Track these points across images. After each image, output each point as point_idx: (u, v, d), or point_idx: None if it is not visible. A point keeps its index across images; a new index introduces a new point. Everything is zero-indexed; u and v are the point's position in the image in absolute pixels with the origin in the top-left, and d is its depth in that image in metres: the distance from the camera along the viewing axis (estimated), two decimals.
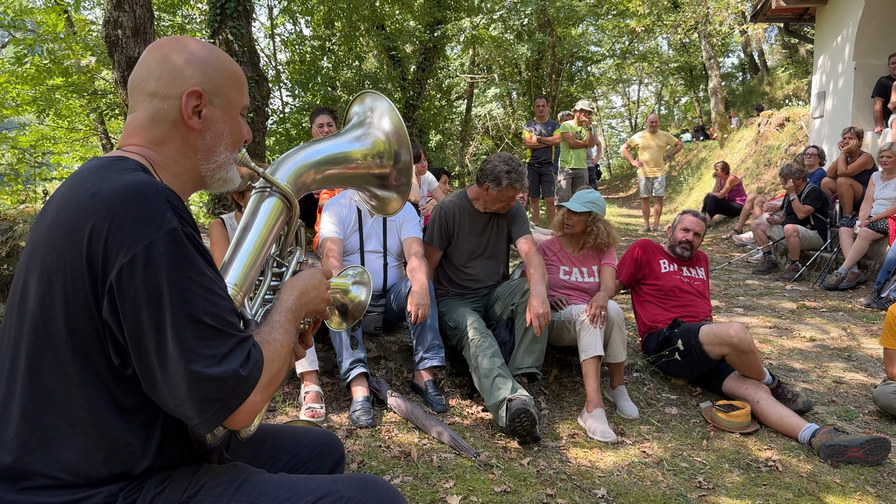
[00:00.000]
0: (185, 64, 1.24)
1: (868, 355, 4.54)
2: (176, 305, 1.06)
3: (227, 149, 1.31)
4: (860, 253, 6.39)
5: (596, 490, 2.68)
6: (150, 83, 1.24)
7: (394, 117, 1.57)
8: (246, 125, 1.36)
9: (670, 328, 3.74)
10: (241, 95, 1.33)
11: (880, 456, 2.97)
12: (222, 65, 1.29)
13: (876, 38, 8.41)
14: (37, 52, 11.44)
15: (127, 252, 1.05)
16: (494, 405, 3.13)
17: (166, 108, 1.23)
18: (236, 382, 1.09)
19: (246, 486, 1.22)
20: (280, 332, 1.25)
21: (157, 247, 1.06)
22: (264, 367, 1.15)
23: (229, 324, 1.12)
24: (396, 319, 3.81)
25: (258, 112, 7.89)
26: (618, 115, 40.92)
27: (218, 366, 1.07)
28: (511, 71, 22.75)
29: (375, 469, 2.75)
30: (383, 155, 1.56)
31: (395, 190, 1.61)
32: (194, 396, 1.06)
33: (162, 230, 1.07)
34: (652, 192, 10.58)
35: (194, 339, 1.06)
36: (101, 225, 1.07)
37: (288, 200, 1.40)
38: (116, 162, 1.18)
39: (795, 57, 22.57)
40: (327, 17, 14.59)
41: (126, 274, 1.05)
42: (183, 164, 1.27)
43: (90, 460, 1.13)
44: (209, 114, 1.26)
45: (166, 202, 1.10)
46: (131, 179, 1.11)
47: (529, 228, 3.87)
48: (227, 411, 1.10)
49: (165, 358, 1.06)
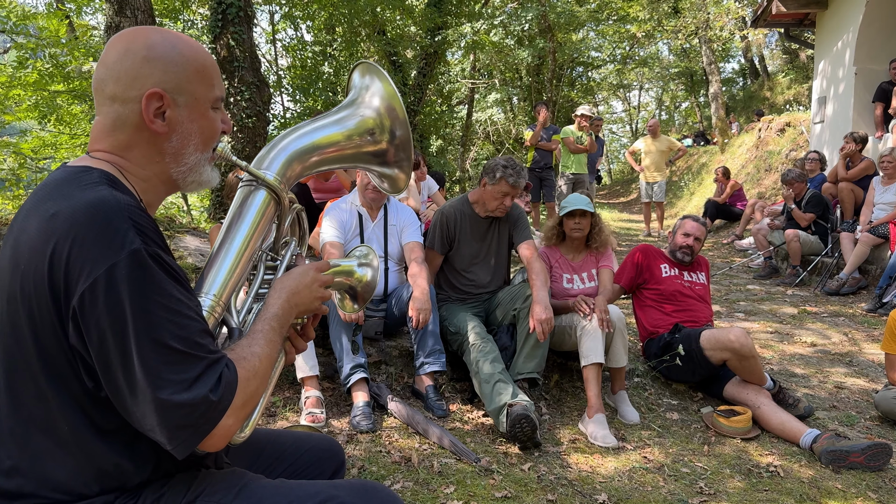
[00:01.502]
0: (143, 63, 1.15)
1: (869, 360, 4.53)
2: (141, 331, 1.01)
3: (198, 149, 1.23)
4: (861, 258, 6.38)
5: (597, 495, 2.67)
6: (109, 86, 1.16)
7: (386, 93, 1.50)
8: (221, 117, 1.27)
9: (671, 333, 3.74)
10: (211, 88, 1.22)
11: (882, 461, 2.96)
12: (185, 58, 1.18)
13: (876, 43, 8.42)
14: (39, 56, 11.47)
15: (88, 276, 1.00)
16: (495, 410, 3.13)
17: (127, 113, 1.16)
18: (206, 408, 1.04)
19: (245, 491, 1.21)
20: (260, 345, 1.19)
21: (119, 270, 1.00)
22: (238, 389, 1.10)
23: (199, 346, 1.06)
24: (397, 324, 3.81)
25: (259, 117, 7.91)
26: (619, 121, 40.96)
27: (187, 391, 1.02)
28: (512, 76, 22.79)
29: (376, 474, 2.74)
30: (374, 132, 1.50)
31: (396, 166, 1.56)
32: (164, 423, 1.02)
33: (124, 252, 1.01)
34: (652, 197, 10.58)
35: (161, 364, 1.02)
36: (61, 247, 1.02)
37: (276, 194, 1.33)
38: (80, 174, 1.12)
39: (796, 62, 22.61)
40: (328, 23, 14.64)
41: (88, 299, 1.00)
42: (151, 168, 1.21)
43: (81, 479, 1.11)
44: (174, 115, 1.18)
45: (129, 221, 1.04)
46: (92, 197, 1.06)
47: (531, 234, 3.87)
48: (198, 437, 1.06)
49: (134, 384, 1.02)
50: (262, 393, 1.18)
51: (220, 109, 1.27)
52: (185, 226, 6.55)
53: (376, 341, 3.82)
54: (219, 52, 7.83)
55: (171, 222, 6.49)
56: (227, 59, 7.79)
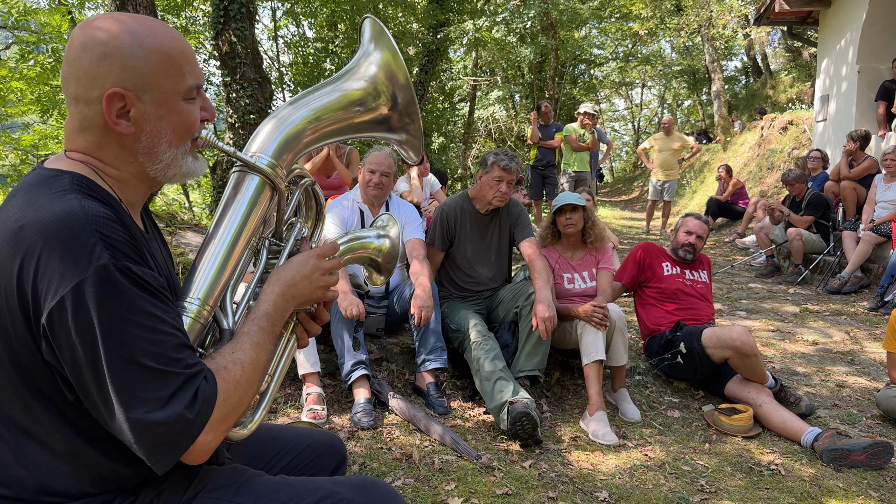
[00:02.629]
0: (100, 60, 1.06)
1: (871, 359, 4.53)
2: (111, 349, 0.97)
3: (172, 145, 1.15)
4: (863, 257, 6.37)
5: (598, 493, 2.67)
6: (71, 86, 1.09)
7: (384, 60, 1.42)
8: (201, 105, 1.19)
9: (673, 331, 3.74)
10: (180, 79, 1.12)
11: (883, 460, 2.96)
12: (147, 51, 1.09)
13: (879, 41, 8.40)
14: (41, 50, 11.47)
15: (55, 294, 0.96)
16: (496, 408, 3.13)
17: (91, 114, 1.09)
18: (182, 426, 1.01)
19: (245, 488, 1.21)
20: (245, 350, 1.14)
21: (86, 287, 0.96)
22: (217, 402, 1.06)
23: (174, 361, 1.02)
24: (399, 321, 3.81)
25: (261, 114, 7.90)
26: (621, 119, 40.91)
27: (161, 410, 0.99)
28: (514, 73, 22.75)
29: (377, 471, 2.74)
30: (365, 101, 1.40)
31: (404, 131, 1.47)
32: (139, 442, 1.00)
33: (90, 268, 0.97)
34: (662, 196, 10.53)
35: (134, 382, 0.98)
36: (28, 263, 0.98)
37: (270, 179, 1.25)
38: (50, 181, 1.07)
39: (799, 60, 22.56)
40: (330, 20, 14.62)
41: (57, 318, 0.97)
42: (127, 168, 1.15)
43: (78, 485, 1.10)
44: (139, 113, 1.10)
45: (96, 234, 0.99)
46: (59, 209, 1.01)
47: (532, 231, 3.87)
48: (176, 454, 1.03)
49: (109, 402, 0.99)
50: (247, 403, 1.14)
51: (200, 96, 1.19)
52: (186, 222, 6.55)
53: (378, 338, 3.82)
54: (221, 49, 7.82)
55: (172, 218, 6.48)
56: (228, 56, 7.78)
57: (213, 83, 12.75)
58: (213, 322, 1.23)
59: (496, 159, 3.63)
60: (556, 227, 3.93)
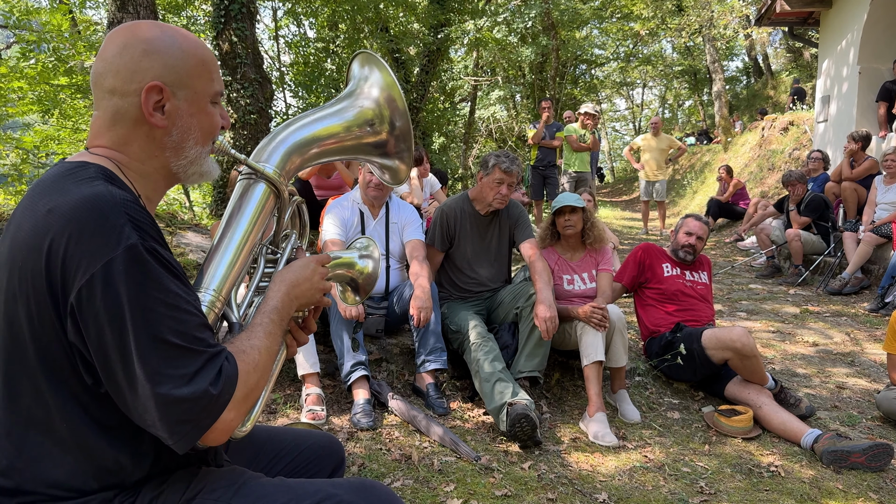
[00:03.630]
0: (143, 56, 1.14)
1: (871, 360, 4.52)
2: (139, 326, 1.00)
3: (198, 143, 1.22)
4: (864, 258, 6.37)
5: (597, 494, 2.67)
6: (108, 79, 1.15)
7: (385, 83, 1.48)
8: (220, 112, 1.26)
9: (673, 332, 3.73)
10: (210, 83, 1.22)
11: (883, 462, 2.96)
12: (185, 52, 1.18)
13: (880, 42, 8.40)
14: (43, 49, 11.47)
15: (85, 272, 0.99)
16: (495, 409, 3.12)
17: (126, 106, 1.15)
18: (206, 402, 1.04)
19: (244, 489, 1.21)
20: (260, 338, 1.19)
21: (115, 265, 1.00)
22: (238, 382, 1.09)
23: (198, 340, 1.06)
24: (398, 322, 3.81)
25: (261, 114, 7.90)
26: (621, 119, 40.91)
27: (186, 386, 1.02)
28: (515, 73, 22.74)
29: (376, 472, 2.74)
30: (373, 122, 1.49)
31: (397, 157, 1.55)
32: (164, 418, 1.02)
33: (120, 247, 1.00)
34: (653, 196, 10.56)
35: (160, 359, 1.01)
36: (57, 244, 1.01)
37: (276, 187, 1.32)
38: (76, 170, 1.11)
39: (800, 61, 22.56)
40: (331, 19, 14.61)
41: (85, 295, 1.00)
42: (151, 163, 1.20)
43: (80, 477, 1.11)
44: (173, 108, 1.17)
45: (125, 216, 1.03)
46: (88, 192, 1.05)
47: (532, 233, 3.86)
48: (199, 431, 1.05)
49: (133, 380, 1.01)
50: (263, 386, 1.18)
51: (219, 104, 1.26)
52: (186, 222, 6.55)
53: (377, 339, 3.82)
54: (221, 49, 7.82)
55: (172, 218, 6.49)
56: (229, 56, 7.78)
57: None
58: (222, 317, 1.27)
59: (497, 161, 3.62)
60: (555, 228, 3.93)
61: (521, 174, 3.78)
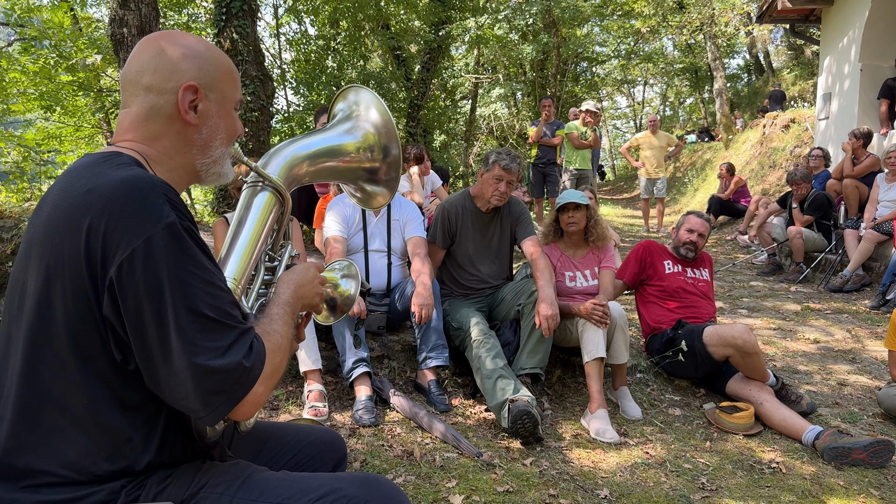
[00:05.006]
0: (182, 58, 1.23)
1: (872, 357, 4.53)
2: (177, 299, 1.05)
3: (223, 143, 1.31)
4: (865, 255, 6.37)
5: (598, 491, 2.67)
6: (146, 77, 1.22)
7: (381, 110, 1.55)
8: (239, 120, 1.36)
9: (674, 329, 3.74)
10: (235, 90, 1.32)
11: (884, 458, 2.96)
12: (217, 60, 1.28)
13: (882, 39, 8.39)
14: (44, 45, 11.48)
15: (126, 247, 1.04)
16: (497, 406, 3.13)
17: (162, 103, 1.22)
18: (240, 374, 1.09)
19: (248, 484, 1.22)
20: (279, 324, 1.25)
21: (156, 241, 1.05)
22: (266, 359, 1.15)
23: (231, 316, 1.11)
24: (400, 319, 3.81)
25: (263, 111, 7.90)
26: (623, 116, 40.87)
27: (221, 358, 1.07)
28: (516, 71, 22.74)
29: (378, 468, 2.75)
30: (373, 148, 1.55)
31: (384, 185, 1.60)
32: (199, 389, 1.06)
33: (160, 224, 1.06)
34: (653, 194, 10.56)
35: (197, 332, 1.06)
36: (98, 221, 1.06)
37: (280, 194, 1.40)
38: (110, 157, 1.17)
39: (801, 58, 22.54)
40: (332, 17, 14.60)
41: (126, 269, 1.04)
42: (178, 159, 1.27)
43: (92, 457, 1.13)
44: (205, 108, 1.26)
45: (163, 196, 1.09)
46: (126, 174, 1.10)
47: (534, 230, 3.87)
48: (231, 403, 1.10)
49: (169, 352, 1.05)
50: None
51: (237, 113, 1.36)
52: None
53: (379, 336, 3.82)
54: (222, 46, 7.82)
55: None
56: (230, 53, 7.77)
57: None
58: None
59: (497, 158, 3.64)
60: (558, 225, 3.93)
61: (521, 173, 3.78)
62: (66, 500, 1.11)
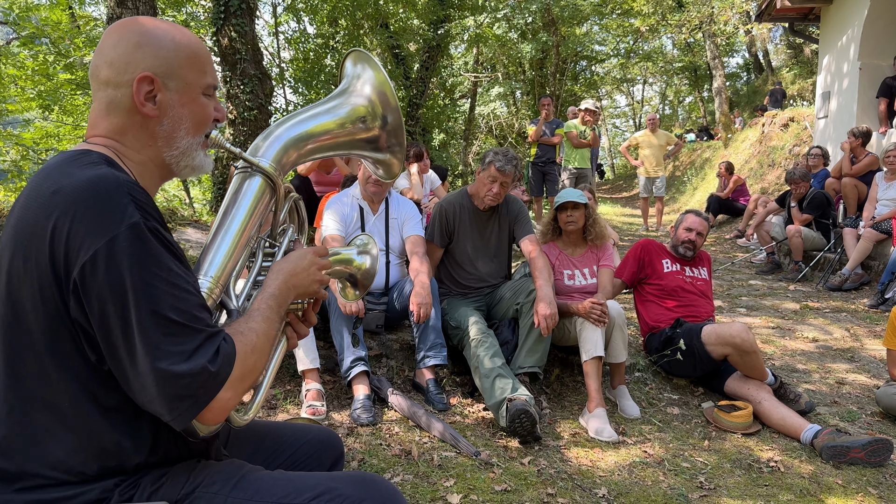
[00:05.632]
0: (135, 48, 1.18)
1: (871, 356, 4.52)
2: (141, 302, 1.03)
3: (189, 133, 1.25)
4: (864, 254, 6.37)
5: (597, 490, 2.67)
6: (103, 71, 1.19)
7: (377, 81, 1.51)
8: (213, 105, 1.29)
9: (672, 328, 3.73)
10: (202, 75, 1.25)
11: (882, 457, 2.96)
12: (177, 44, 1.21)
13: (881, 38, 8.39)
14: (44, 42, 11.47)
15: (88, 249, 1.03)
16: (495, 405, 3.13)
17: (120, 97, 1.19)
18: (205, 378, 1.06)
19: (243, 483, 1.21)
20: (258, 321, 1.21)
21: (118, 242, 1.03)
22: (236, 362, 1.12)
23: (197, 319, 1.08)
24: (398, 318, 3.81)
25: (261, 110, 7.89)
26: (622, 115, 40.87)
27: (186, 362, 1.04)
28: (515, 70, 22.73)
29: (376, 467, 2.75)
30: (365, 119, 1.52)
31: (389, 151, 1.58)
32: (162, 394, 1.04)
33: (123, 225, 1.04)
34: (652, 192, 10.56)
35: (160, 335, 1.04)
36: (62, 222, 1.04)
37: (271, 181, 1.35)
38: (80, 156, 1.15)
39: (800, 57, 22.53)
40: (331, 15, 14.59)
41: (89, 271, 1.03)
42: (145, 152, 1.23)
43: (80, 457, 1.12)
44: (164, 99, 1.20)
45: (128, 196, 1.07)
46: (92, 174, 1.08)
47: (532, 229, 3.86)
48: (197, 408, 1.07)
49: (134, 355, 1.04)
50: (260, 369, 1.20)
51: (214, 97, 1.29)
52: (187, 218, 6.55)
53: (377, 334, 3.82)
54: (221, 45, 7.81)
55: (172, 214, 6.49)
56: (228, 52, 7.77)
57: None
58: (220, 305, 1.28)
59: (493, 159, 3.63)
60: (557, 223, 3.93)
61: (517, 174, 3.78)
62: (59, 498, 1.10)
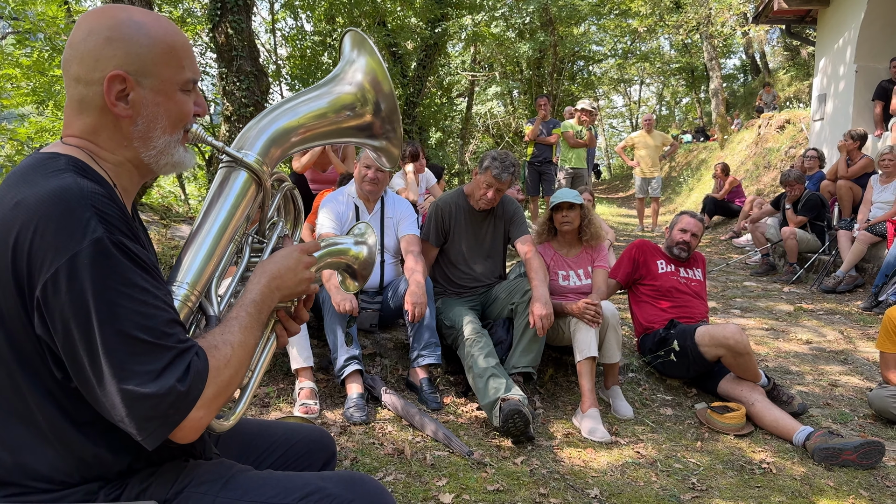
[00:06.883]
0: (106, 43, 1.10)
1: (864, 359, 4.54)
2: (104, 321, 0.98)
3: (166, 132, 1.18)
4: (858, 256, 6.38)
5: (589, 490, 2.67)
6: (73, 66, 1.11)
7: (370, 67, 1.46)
8: (194, 100, 1.22)
9: (666, 329, 3.74)
10: (179, 70, 1.17)
11: (874, 459, 2.97)
12: (152, 39, 1.13)
13: (877, 41, 8.41)
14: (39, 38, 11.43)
15: (50, 266, 0.98)
16: (488, 405, 3.12)
17: (91, 95, 1.12)
18: (174, 398, 1.01)
19: (232, 483, 1.20)
20: (234, 332, 1.15)
21: (80, 259, 0.98)
22: (209, 379, 1.06)
23: (166, 335, 1.03)
24: (393, 316, 3.81)
25: (257, 107, 7.87)
26: (619, 115, 40.91)
27: (153, 382, 0.99)
28: (512, 69, 22.72)
29: (368, 466, 2.74)
30: (354, 106, 1.46)
31: (384, 138, 1.53)
32: (131, 415, 0.99)
33: (85, 241, 0.98)
34: (648, 193, 10.58)
35: (126, 355, 0.99)
36: (23, 237, 0.99)
37: (257, 175, 1.28)
38: (47, 161, 1.09)
39: (797, 59, 22.55)
40: (329, 13, 14.57)
41: (51, 290, 0.98)
42: (121, 153, 1.17)
43: (62, 469, 1.10)
44: (138, 97, 1.13)
45: (92, 209, 1.01)
46: (55, 185, 1.02)
47: (528, 229, 3.86)
48: (167, 428, 1.03)
49: (101, 376, 0.99)
50: (237, 383, 1.14)
51: (194, 91, 1.22)
52: (182, 215, 6.53)
53: (371, 333, 3.81)
54: (217, 41, 7.79)
55: (167, 211, 6.47)
56: (225, 48, 7.74)
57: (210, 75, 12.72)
58: (199, 310, 1.24)
59: (491, 165, 3.60)
60: (552, 223, 3.93)
61: (513, 182, 3.79)
62: (44, 501, 1.09)
